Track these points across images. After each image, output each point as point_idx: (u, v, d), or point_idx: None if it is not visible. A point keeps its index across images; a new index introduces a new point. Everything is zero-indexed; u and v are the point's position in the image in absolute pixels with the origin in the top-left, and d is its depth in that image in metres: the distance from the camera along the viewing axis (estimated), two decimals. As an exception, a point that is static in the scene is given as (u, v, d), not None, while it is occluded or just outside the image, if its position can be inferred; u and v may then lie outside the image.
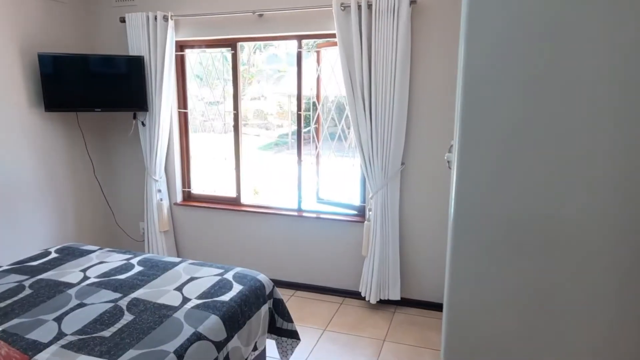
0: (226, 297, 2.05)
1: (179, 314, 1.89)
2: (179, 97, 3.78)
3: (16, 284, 2.19)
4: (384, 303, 3.33)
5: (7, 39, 3.11)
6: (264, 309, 2.24)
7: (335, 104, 3.53)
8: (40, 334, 1.72)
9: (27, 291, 2.10)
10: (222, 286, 2.17)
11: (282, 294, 3.48)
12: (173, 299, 2.03)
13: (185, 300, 2.02)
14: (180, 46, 3.68)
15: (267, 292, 2.30)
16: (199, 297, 2.05)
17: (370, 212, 3.21)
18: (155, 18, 3.44)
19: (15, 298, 2.03)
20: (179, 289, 2.14)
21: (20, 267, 2.41)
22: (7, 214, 3.18)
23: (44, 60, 3.26)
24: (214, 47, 3.65)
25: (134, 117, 3.70)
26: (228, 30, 3.43)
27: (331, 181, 3.67)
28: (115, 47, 3.72)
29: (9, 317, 1.86)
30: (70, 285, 2.16)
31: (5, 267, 2.43)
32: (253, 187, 4.96)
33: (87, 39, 3.74)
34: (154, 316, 1.87)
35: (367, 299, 3.28)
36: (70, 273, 2.32)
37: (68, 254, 2.61)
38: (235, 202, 3.79)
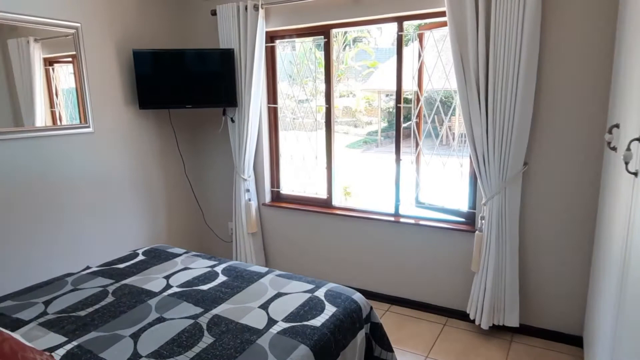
0: (317, 322, 1.74)
1: (263, 341, 1.61)
2: (268, 91, 3.58)
3: (100, 289, 2.08)
4: (497, 329, 2.81)
5: (105, 37, 3.11)
6: (360, 335, 1.90)
7: (440, 96, 3.07)
8: (114, 354, 1.55)
9: (110, 299, 1.98)
10: (313, 307, 1.86)
11: (376, 307, 3.13)
12: (257, 320, 1.76)
13: (271, 322, 1.74)
14: (271, 37, 3.47)
15: (364, 315, 1.95)
16: (286, 320, 1.76)
17: (483, 221, 2.71)
18: (246, 8, 3.25)
19: (97, 306, 1.91)
20: (265, 306, 1.87)
21: (107, 270, 2.32)
22: (104, 210, 3.19)
23: (139, 57, 3.23)
24: (306, 36, 3.38)
25: (224, 113, 3.57)
26: (321, 16, 3.13)
27: (433, 183, 3.21)
28: (206, 41, 3.61)
29: (87, 329, 1.72)
30: (151, 295, 2.00)
31: (94, 269, 2.36)
32: (343, 187, 4.67)
33: (179, 34, 3.69)
34: (236, 340, 1.61)
35: (476, 322, 2.78)
36: (153, 279, 2.17)
37: (154, 257, 2.49)
38: (326, 204, 3.50)
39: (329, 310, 1.83)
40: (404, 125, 3.17)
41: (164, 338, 1.64)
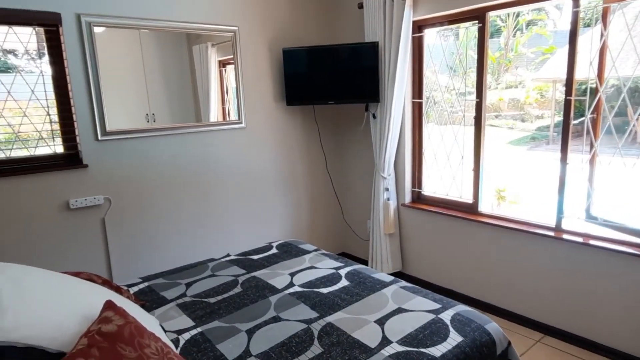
0: (437, 351, 1.52)
1: (373, 363, 1.47)
2: (413, 85, 3.36)
3: (232, 278, 2.20)
4: (697, 392, 2.14)
5: (258, 38, 3.30)
6: (492, 374, 1.61)
7: (628, 86, 2.44)
8: (228, 348, 1.59)
9: (238, 289, 2.07)
10: (435, 331, 1.64)
11: (524, 336, 2.68)
12: (371, 337, 1.62)
13: (385, 342, 1.59)
14: (418, 26, 3.23)
15: (499, 351, 1.64)
16: (402, 342, 1.58)
17: (683, 249, 2.07)
18: (392, -2, 3.08)
19: (225, 295, 2.02)
20: (381, 322, 1.72)
21: (242, 260, 2.46)
22: (251, 201, 3.42)
23: (287, 55, 3.35)
24: (457, 23, 3.05)
25: (366, 109, 3.48)
26: (475, -2, 2.78)
27: (613, 193, 2.60)
28: (351, 36, 3.56)
29: (212, 317, 1.81)
30: (274, 291, 2.03)
31: (232, 257, 2.52)
32: (497, 191, 4.15)
33: (326, 31, 3.72)
34: (344, 357, 1.51)
35: (664, 377, 2.16)
36: (280, 275, 2.21)
37: (285, 252, 2.55)
38: (471, 209, 3.14)
39: (454, 339, 1.59)
40: (574, 121, 2.63)
41: (275, 339, 1.63)
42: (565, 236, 2.61)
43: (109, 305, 1.36)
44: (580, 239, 2.55)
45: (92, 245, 2.69)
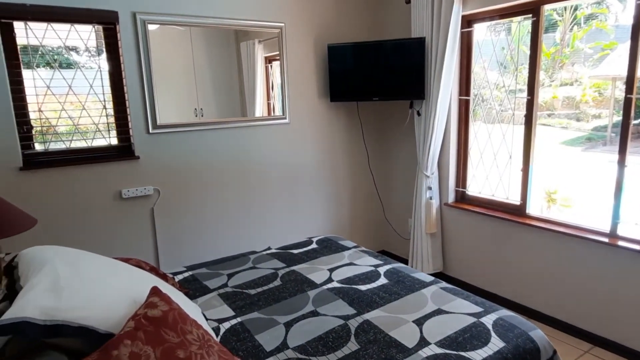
0: (477, 356, 1.48)
1: (410, 363, 1.45)
2: (460, 82, 3.27)
3: (272, 271, 2.24)
4: None
5: (304, 34, 3.32)
6: (536, 383, 1.55)
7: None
8: (267, 339, 1.62)
9: (277, 282, 2.10)
10: (476, 335, 1.60)
11: (572, 345, 2.57)
12: (409, 336, 1.60)
13: (423, 342, 1.56)
14: (468, 21, 3.14)
15: (543, 359, 1.58)
16: (440, 344, 1.55)
17: None
18: (441, -8, 3.01)
19: (265, 287, 2.05)
20: (419, 322, 1.69)
21: (282, 253, 2.49)
22: (293, 195, 3.46)
23: (332, 51, 3.34)
24: (510, 17, 2.93)
25: (411, 106, 3.42)
26: (529, -9, 2.66)
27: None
28: (397, 33, 3.51)
29: (252, 309, 1.86)
30: (313, 286, 2.04)
31: (272, 251, 2.56)
32: (547, 193, 3.96)
33: (371, 26, 3.68)
34: (380, 355, 1.50)
35: None
36: (319, 270, 2.22)
37: (325, 247, 2.56)
38: (518, 211, 3.02)
39: (495, 344, 1.54)
40: (635, 121, 2.47)
41: (312, 334, 1.64)
42: (620, 243, 2.47)
43: (155, 291, 1.42)
44: (637, 247, 2.40)
45: (141, 233, 2.82)
